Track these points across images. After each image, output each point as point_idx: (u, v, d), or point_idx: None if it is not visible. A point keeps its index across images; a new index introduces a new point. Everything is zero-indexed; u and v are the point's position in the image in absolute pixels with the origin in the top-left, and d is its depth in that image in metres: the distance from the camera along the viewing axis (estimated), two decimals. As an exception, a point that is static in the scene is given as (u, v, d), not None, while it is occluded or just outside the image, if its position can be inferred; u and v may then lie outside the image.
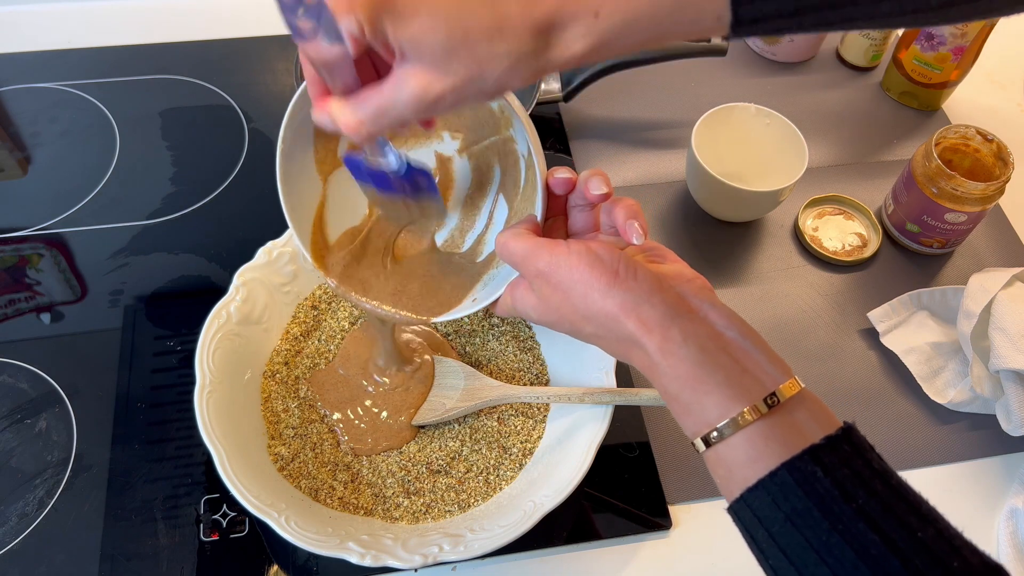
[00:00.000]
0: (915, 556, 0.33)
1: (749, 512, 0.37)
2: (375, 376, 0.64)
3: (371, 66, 0.41)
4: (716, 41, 0.80)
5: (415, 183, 0.50)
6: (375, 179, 0.50)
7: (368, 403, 0.63)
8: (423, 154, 0.55)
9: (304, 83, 0.45)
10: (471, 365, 0.65)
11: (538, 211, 0.47)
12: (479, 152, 0.53)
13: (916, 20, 0.37)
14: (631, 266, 0.42)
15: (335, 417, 0.62)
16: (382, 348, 0.62)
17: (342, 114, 0.39)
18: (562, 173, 0.47)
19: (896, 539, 0.33)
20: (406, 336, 0.66)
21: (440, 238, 0.56)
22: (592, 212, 0.48)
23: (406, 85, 0.37)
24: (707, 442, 0.38)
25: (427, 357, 0.65)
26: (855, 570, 0.33)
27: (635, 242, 0.44)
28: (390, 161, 0.48)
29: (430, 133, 0.54)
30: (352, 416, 0.62)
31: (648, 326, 0.40)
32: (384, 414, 0.62)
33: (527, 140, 0.47)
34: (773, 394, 0.38)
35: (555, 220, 0.50)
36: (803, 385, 0.39)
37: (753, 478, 0.36)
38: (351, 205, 0.56)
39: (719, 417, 0.38)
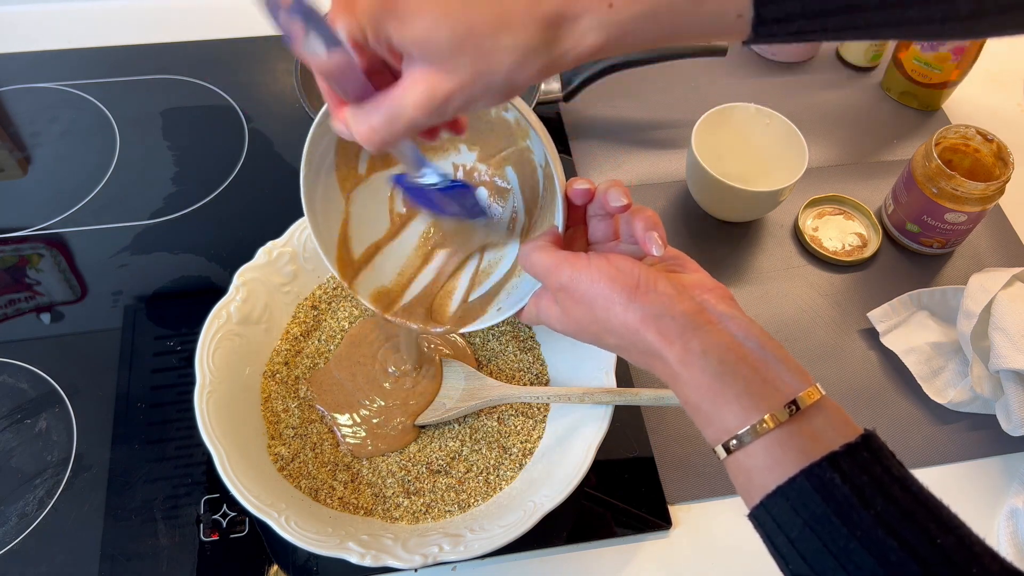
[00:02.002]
0: (934, 562, 0.33)
1: (769, 518, 0.37)
2: (389, 369, 0.64)
3: (391, 77, 0.40)
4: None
5: (460, 200, 0.49)
6: (420, 199, 0.50)
7: (365, 412, 0.63)
8: (440, 166, 0.55)
9: (323, 108, 0.45)
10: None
11: (559, 222, 0.47)
12: (497, 163, 0.54)
13: (943, 31, 0.36)
14: (651, 278, 0.42)
15: (335, 419, 0.62)
16: (406, 351, 0.63)
17: (355, 122, 0.38)
18: (581, 184, 0.47)
19: (915, 545, 0.33)
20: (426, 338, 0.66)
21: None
22: (612, 221, 0.48)
23: (414, 87, 0.36)
24: (727, 449, 0.39)
25: (435, 358, 0.65)
26: None
27: (654, 253, 0.44)
28: (426, 174, 0.46)
29: (447, 145, 0.54)
30: (351, 421, 0.62)
31: (668, 338, 0.40)
32: (384, 419, 0.62)
33: (544, 151, 0.47)
34: (792, 402, 0.38)
35: (575, 229, 0.50)
36: (823, 392, 0.39)
37: (772, 485, 0.37)
38: (372, 219, 0.57)
39: (738, 425, 0.38)
